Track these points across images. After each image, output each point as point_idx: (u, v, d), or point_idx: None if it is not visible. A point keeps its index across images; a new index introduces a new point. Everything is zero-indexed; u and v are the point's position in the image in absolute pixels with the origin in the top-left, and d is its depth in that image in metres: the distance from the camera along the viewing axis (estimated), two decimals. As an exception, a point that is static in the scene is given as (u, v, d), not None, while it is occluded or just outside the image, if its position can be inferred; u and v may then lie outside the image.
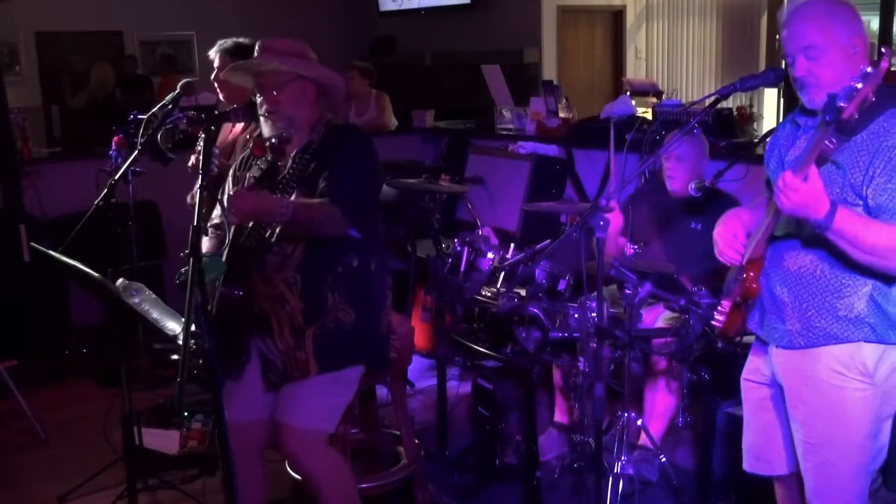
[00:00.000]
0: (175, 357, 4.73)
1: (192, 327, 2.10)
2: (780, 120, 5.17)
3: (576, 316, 3.21)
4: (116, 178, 2.96)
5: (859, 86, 1.85)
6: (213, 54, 3.44)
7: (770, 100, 8.48)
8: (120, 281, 2.91)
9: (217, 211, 2.80)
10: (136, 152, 2.98)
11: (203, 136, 2.51)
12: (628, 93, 7.13)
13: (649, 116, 5.76)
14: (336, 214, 2.56)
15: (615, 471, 3.20)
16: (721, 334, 2.42)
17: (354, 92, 6.91)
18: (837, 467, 2.25)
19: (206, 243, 2.76)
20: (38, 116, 8.45)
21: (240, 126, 3.27)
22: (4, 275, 4.92)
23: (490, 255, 3.63)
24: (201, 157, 2.41)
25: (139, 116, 3.37)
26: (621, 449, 3.24)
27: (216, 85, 3.38)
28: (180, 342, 2.17)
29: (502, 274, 3.55)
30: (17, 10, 8.49)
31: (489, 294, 3.58)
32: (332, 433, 2.76)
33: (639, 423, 3.42)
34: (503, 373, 4.35)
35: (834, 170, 2.12)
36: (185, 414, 3.96)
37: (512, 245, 3.76)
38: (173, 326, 2.82)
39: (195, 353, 2.18)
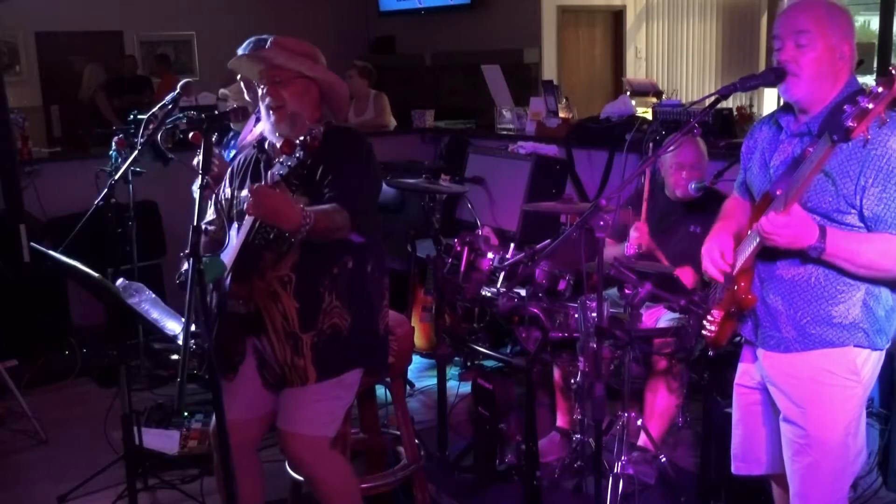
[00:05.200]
0: (175, 357, 4.74)
1: (192, 327, 2.10)
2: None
3: (576, 316, 3.21)
4: (116, 178, 2.96)
5: (870, 106, 1.78)
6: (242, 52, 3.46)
7: (770, 100, 8.49)
8: (120, 281, 2.90)
9: (210, 214, 2.79)
10: (136, 152, 2.98)
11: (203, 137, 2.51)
12: (628, 93, 7.14)
13: (649, 116, 5.76)
14: (346, 217, 2.55)
15: (615, 471, 3.20)
16: (713, 343, 2.42)
17: (353, 92, 6.91)
18: (823, 467, 2.27)
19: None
20: (38, 116, 8.46)
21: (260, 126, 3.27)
22: (4, 275, 4.93)
23: (490, 255, 3.63)
24: (201, 157, 2.40)
25: (139, 116, 3.37)
26: (621, 449, 3.24)
27: (242, 82, 3.38)
28: (180, 342, 2.17)
29: (502, 274, 3.54)
30: (17, 10, 8.49)
31: (489, 294, 3.58)
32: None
33: (639, 423, 3.42)
34: (503, 373, 4.36)
35: (823, 179, 2.12)
36: (185, 414, 3.97)
37: (512, 245, 3.75)
38: (173, 326, 2.82)
39: (195, 353, 2.18)
